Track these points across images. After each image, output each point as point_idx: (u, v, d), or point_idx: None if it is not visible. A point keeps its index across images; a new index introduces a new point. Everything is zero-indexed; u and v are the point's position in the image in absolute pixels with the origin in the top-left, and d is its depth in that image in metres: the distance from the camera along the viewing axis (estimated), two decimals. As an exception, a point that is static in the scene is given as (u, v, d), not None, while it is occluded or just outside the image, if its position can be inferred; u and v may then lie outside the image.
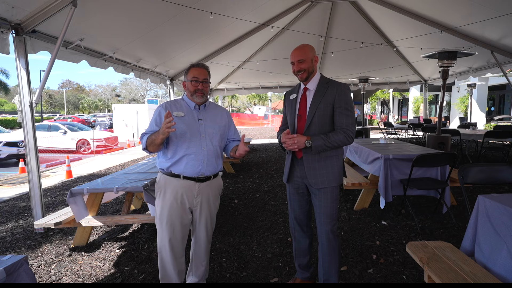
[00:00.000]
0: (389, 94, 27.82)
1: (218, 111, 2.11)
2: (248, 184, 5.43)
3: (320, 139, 1.86)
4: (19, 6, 3.15)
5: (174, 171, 1.94)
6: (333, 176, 1.95)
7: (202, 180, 1.98)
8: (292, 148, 1.89)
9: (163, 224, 1.97)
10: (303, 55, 1.93)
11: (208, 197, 2.04)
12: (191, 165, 1.92)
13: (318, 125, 1.93)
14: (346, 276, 2.42)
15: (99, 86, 58.01)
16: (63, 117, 33.81)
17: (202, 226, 2.09)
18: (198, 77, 1.93)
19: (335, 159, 1.97)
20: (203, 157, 1.94)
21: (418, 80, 10.64)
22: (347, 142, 1.90)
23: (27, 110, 3.38)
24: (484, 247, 1.66)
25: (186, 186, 1.95)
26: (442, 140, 5.21)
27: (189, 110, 1.98)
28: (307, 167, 1.96)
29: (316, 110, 1.92)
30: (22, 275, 1.33)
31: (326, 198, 1.95)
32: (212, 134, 2.00)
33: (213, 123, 2.02)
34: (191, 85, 1.94)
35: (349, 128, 1.90)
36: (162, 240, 1.99)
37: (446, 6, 5.41)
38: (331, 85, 1.94)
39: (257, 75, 9.74)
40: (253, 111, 40.32)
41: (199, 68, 1.95)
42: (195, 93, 1.94)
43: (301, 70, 1.95)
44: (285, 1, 6.05)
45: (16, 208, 4.45)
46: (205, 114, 2.01)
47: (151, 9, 4.46)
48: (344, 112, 1.90)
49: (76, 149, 12.26)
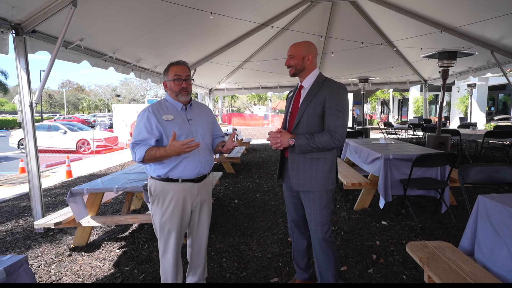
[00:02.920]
0: (389, 94, 27.81)
1: (203, 109, 2.09)
2: (248, 184, 5.43)
3: (304, 138, 1.78)
4: (19, 6, 3.15)
5: (172, 176, 1.88)
6: (317, 181, 1.84)
7: (201, 179, 1.98)
8: (276, 147, 1.84)
9: (164, 232, 1.92)
10: (294, 51, 1.89)
11: (206, 195, 2.06)
12: (190, 167, 1.89)
13: (307, 124, 1.84)
14: (346, 276, 2.42)
15: (99, 86, 58.12)
16: (63, 117, 33.80)
17: (203, 225, 2.08)
18: (180, 75, 1.87)
19: (322, 162, 1.85)
20: (199, 157, 1.93)
21: (418, 80, 10.65)
22: (333, 144, 1.77)
23: (27, 110, 3.38)
24: (484, 247, 1.66)
25: (185, 189, 1.92)
26: (442, 140, 5.21)
27: (176, 112, 1.91)
28: (290, 167, 1.90)
29: (306, 108, 1.84)
30: (22, 275, 1.33)
31: (315, 205, 1.87)
32: (204, 133, 1.99)
33: (202, 122, 2.00)
34: (174, 84, 1.87)
35: (337, 130, 1.78)
36: (165, 247, 1.94)
37: (446, 6, 5.41)
38: (325, 84, 1.86)
39: (257, 75, 9.74)
40: (253, 111, 40.32)
41: (180, 65, 1.89)
42: (180, 92, 1.88)
43: (289, 66, 1.92)
44: (285, 1, 6.05)
45: (16, 208, 4.45)
46: (193, 114, 1.98)
47: (152, 9, 4.46)
48: (333, 112, 1.79)
49: (76, 149, 12.26)
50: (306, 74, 1.92)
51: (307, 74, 1.92)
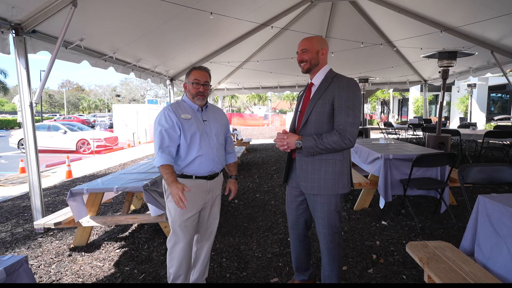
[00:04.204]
0: (389, 94, 27.81)
1: (217, 111, 2.19)
2: (248, 184, 5.43)
3: (312, 139, 1.69)
4: (19, 6, 3.15)
5: (186, 173, 1.97)
6: (326, 183, 1.76)
7: (213, 177, 2.06)
8: (283, 149, 1.79)
9: (177, 225, 1.98)
10: (308, 44, 1.81)
11: (217, 192, 2.14)
12: (204, 164, 1.98)
13: (315, 123, 1.76)
14: (346, 276, 2.41)
15: (99, 86, 58.14)
16: (63, 117, 33.79)
17: (212, 221, 2.17)
18: (199, 80, 1.97)
19: (332, 163, 1.75)
20: (213, 156, 2.02)
21: (418, 80, 10.64)
22: (343, 145, 1.67)
23: (27, 110, 3.38)
24: (484, 247, 1.66)
25: (198, 185, 2.00)
26: (442, 140, 5.21)
27: (193, 112, 2.02)
28: (298, 169, 1.84)
29: (314, 106, 1.76)
30: (22, 275, 1.33)
31: (323, 209, 1.80)
32: (218, 133, 2.08)
33: (216, 123, 2.10)
34: (193, 88, 1.97)
35: (347, 129, 1.66)
36: (177, 238, 1.99)
37: (446, 6, 5.41)
38: (335, 80, 1.76)
39: (257, 75, 9.73)
40: (253, 111, 40.32)
41: (201, 71, 2.00)
42: (197, 95, 1.98)
43: (302, 61, 1.83)
44: (285, 1, 6.05)
45: (16, 208, 4.45)
46: (208, 115, 2.08)
47: (151, 9, 4.46)
48: (343, 110, 1.68)
49: (76, 149, 12.26)
50: (318, 70, 1.85)
51: (318, 70, 1.85)
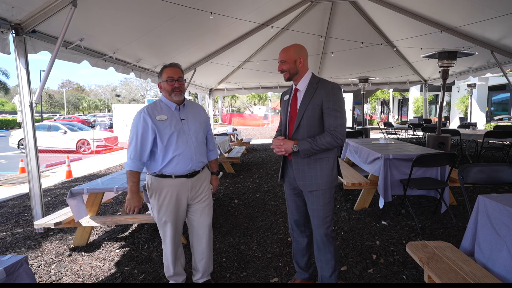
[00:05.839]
0: (389, 94, 27.81)
1: (196, 109, 2.18)
2: (248, 184, 5.43)
3: (307, 143, 1.84)
4: (19, 6, 3.15)
5: (165, 173, 2.00)
6: (322, 179, 1.92)
7: (193, 175, 2.08)
8: (280, 153, 1.93)
9: (162, 223, 2.07)
10: (285, 56, 1.92)
11: (202, 188, 2.15)
12: (182, 164, 2.00)
13: (307, 127, 1.91)
14: (346, 276, 2.42)
15: (99, 86, 58.22)
16: (63, 117, 33.79)
17: (204, 214, 2.17)
18: (173, 76, 1.98)
19: (326, 161, 1.93)
20: (191, 155, 2.03)
21: (418, 80, 10.64)
22: (335, 144, 1.86)
23: (27, 110, 3.38)
24: (484, 247, 1.66)
25: (179, 184, 2.03)
26: (442, 140, 5.21)
27: (170, 111, 2.02)
28: (295, 170, 1.96)
29: (305, 111, 1.90)
30: (22, 275, 1.33)
31: (318, 201, 1.94)
32: (196, 132, 2.08)
33: (195, 121, 2.10)
34: (168, 85, 1.98)
35: (337, 130, 1.85)
36: (164, 235, 2.09)
37: (446, 6, 5.41)
38: (320, 86, 1.90)
39: (257, 75, 9.74)
40: (253, 111, 40.31)
41: (172, 67, 2.01)
42: (173, 91, 1.98)
43: (283, 71, 1.95)
44: (285, 1, 6.05)
45: (16, 208, 4.45)
46: (186, 113, 2.07)
47: (152, 9, 4.46)
48: (332, 113, 1.86)
49: (76, 149, 12.26)
50: (300, 77, 1.96)
51: (301, 76, 1.96)
